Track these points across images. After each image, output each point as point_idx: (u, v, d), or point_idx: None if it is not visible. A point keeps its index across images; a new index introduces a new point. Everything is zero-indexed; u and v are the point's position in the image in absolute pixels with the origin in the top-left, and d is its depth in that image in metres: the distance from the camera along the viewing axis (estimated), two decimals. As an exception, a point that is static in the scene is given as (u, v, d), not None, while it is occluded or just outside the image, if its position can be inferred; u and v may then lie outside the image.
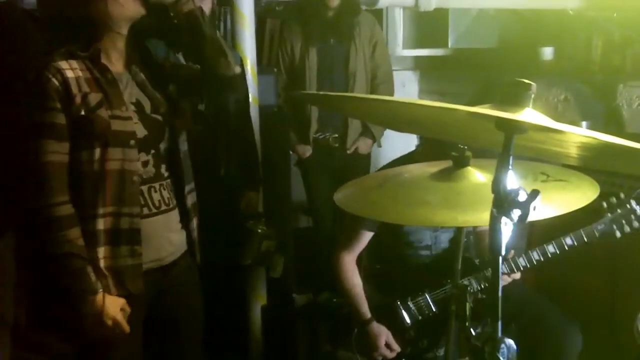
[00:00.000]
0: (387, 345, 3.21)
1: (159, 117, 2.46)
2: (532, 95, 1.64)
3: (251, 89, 3.95)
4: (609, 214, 3.20)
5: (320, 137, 4.68)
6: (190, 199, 2.57)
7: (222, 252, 3.69)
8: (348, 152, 4.69)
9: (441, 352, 3.21)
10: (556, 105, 4.83)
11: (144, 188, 2.40)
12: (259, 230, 3.53)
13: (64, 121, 2.26)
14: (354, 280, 3.28)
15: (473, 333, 1.89)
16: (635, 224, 3.20)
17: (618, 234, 3.20)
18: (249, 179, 3.81)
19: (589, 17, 5.08)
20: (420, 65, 6.10)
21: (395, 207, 2.12)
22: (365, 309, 3.25)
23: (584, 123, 4.42)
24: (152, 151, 2.42)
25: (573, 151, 1.70)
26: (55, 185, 2.26)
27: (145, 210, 2.40)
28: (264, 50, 5.06)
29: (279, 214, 4.27)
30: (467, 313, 2.09)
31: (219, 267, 3.72)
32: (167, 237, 2.49)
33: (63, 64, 2.28)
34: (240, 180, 3.78)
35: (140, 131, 2.38)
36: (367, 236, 3.28)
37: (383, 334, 3.21)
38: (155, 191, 2.43)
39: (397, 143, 5.13)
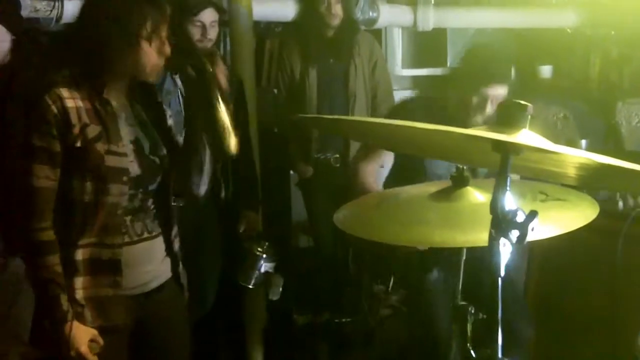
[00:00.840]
0: None
1: (157, 159, 2.43)
2: (529, 116, 1.64)
3: (251, 110, 3.96)
4: None
5: (322, 157, 4.67)
6: (176, 244, 2.54)
7: (219, 273, 3.70)
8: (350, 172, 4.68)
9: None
10: (555, 124, 4.84)
11: (127, 218, 2.36)
12: (257, 251, 3.53)
13: (58, 149, 2.23)
14: (376, 180, 3.36)
15: (473, 354, 1.88)
16: None
17: None
18: (248, 199, 3.81)
19: (587, 35, 5.10)
20: (419, 84, 6.11)
21: (394, 227, 2.12)
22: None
23: (583, 141, 4.42)
24: (141, 189, 2.39)
25: (571, 171, 1.71)
26: (41, 210, 2.23)
27: (127, 238, 2.36)
28: (264, 71, 5.07)
29: (279, 234, 4.27)
30: (468, 333, 2.09)
31: (218, 288, 3.73)
32: (149, 263, 2.45)
33: (64, 92, 2.24)
34: (240, 201, 3.78)
35: (134, 170, 2.34)
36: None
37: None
38: (138, 220, 2.40)
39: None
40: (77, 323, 2.28)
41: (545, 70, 5.34)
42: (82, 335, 2.29)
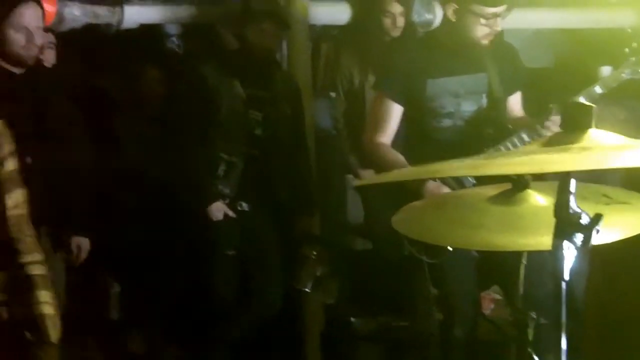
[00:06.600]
0: None
1: None
2: (595, 115, 1.62)
3: (307, 113, 3.97)
4: None
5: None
6: None
7: (282, 275, 3.72)
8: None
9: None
10: (615, 125, 4.76)
11: None
12: (313, 255, 3.54)
13: None
14: (396, 154, 3.28)
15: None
16: None
17: None
18: (303, 203, 3.82)
19: (647, 35, 5.01)
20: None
21: (454, 230, 2.10)
22: None
23: (643, 142, 4.35)
24: None
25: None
26: None
27: None
28: (319, 74, 5.07)
29: (335, 237, 4.28)
30: (530, 339, 2.07)
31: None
32: None
33: None
34: (295, 205, 3.79)
35: None
36: (395, 112, 3.27)
37: (441, 185, 3.22)
38: None
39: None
40: None
41: (605, 71, 5.25)
42: None
